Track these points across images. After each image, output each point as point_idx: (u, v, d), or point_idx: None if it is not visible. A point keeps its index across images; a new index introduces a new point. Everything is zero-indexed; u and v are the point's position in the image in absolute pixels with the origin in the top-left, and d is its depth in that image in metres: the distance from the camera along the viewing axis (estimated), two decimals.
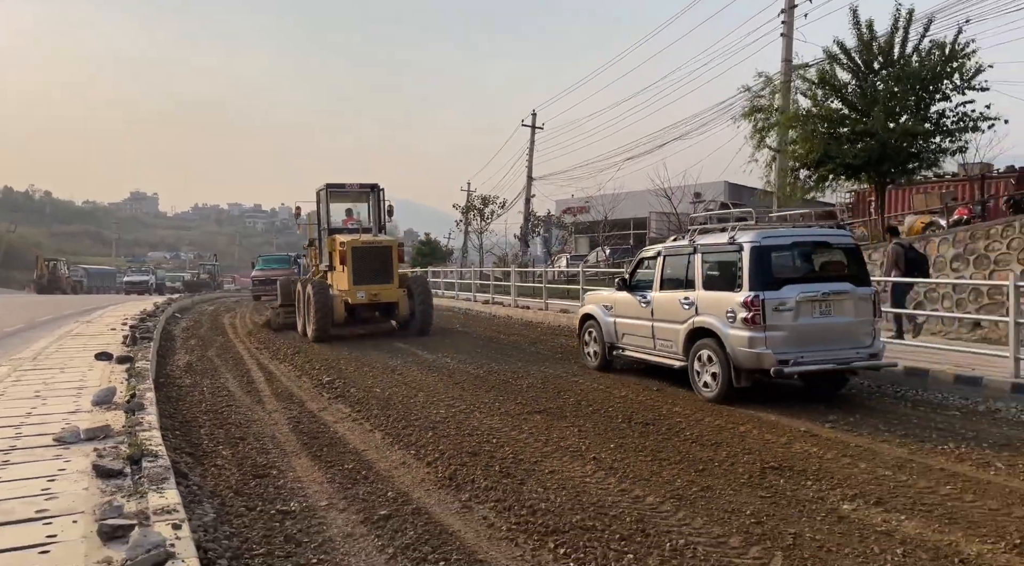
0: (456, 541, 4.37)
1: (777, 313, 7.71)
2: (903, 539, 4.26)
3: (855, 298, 7.99)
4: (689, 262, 8.84)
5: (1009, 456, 5.88)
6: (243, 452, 6.39)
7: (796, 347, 7.73)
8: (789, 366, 7.62)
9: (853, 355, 7.91)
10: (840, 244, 8.43)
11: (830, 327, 7.91)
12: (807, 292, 7.81)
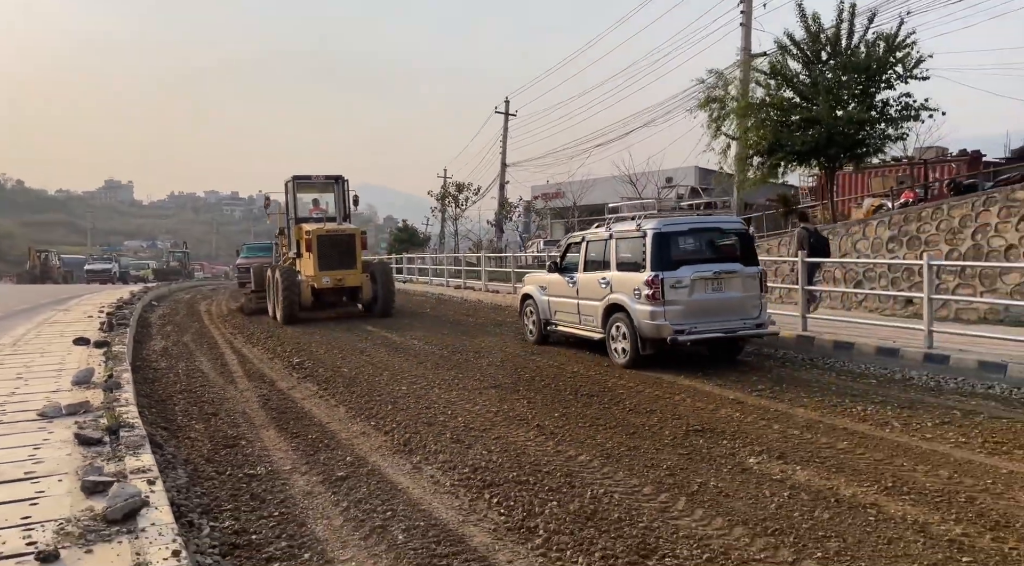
0: (404, 495, 4.90)
1: (674, 290, 8.91)
2: (792, 485, 4.86)
3: (743, 276, 9.19)
4: (606, 247, 9.93)
5: (907, 416, 6.52)
6: (215, 426, 6.87)
7: (691, 319, 8.94)
8: (684, 335, 8.85)
9: (741, 325, 9.14)
10: (732, 230, 9.58)
11: (721, 301, 9.10)
12: (701, 272, 9.01)
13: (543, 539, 4.11)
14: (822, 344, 9.53)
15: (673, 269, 8.94)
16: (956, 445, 5.65)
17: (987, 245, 10.86)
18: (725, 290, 9.11)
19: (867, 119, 15.22)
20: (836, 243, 13.37)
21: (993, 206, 10.80)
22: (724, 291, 9.11)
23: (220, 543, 4.15)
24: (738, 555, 3.82)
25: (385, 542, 4.15)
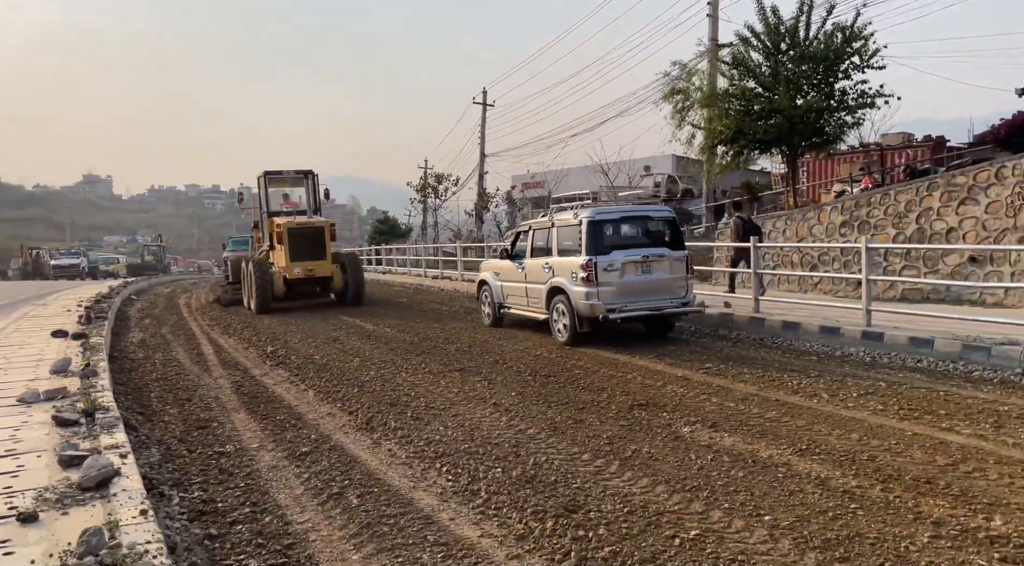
0: (361, 466, 5.30)
1: (606, 272, 9.76)
2: (717, 449, 5.31)
3: (671, 260, 10.07)
4: (549, 235, 10.69)
5: (836, 388, 7.00)
6: (188, 410, 7.22)
7: (622, 299, 9.81)
8: (615, 314, 9.71)
9: (668, 303, 10.05)
10: (661, 217, 10.44)
11: (650, 283, 9.98)
12: (631, 256, 9.89)
13: (483, 500, 4.52)
14: (772, 324, 10.01)
15: (606, 254, 9.80)
16: (873, 412, 6.13)
17: (930, 228, 11.38)
18: (654, 272, 9.98)
19: (826, 108, 15.71)
20: (794, 228, 13.86)
21: (936, 191, 11.31)
22: (652, 273, 9.97)
23: (188, 510, 4.52)
24: (655, 508, 4.26)
25: (340, 506, 4.55)
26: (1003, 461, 4.80)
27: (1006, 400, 6.34)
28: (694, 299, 10.43)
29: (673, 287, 10.03)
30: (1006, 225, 10.29)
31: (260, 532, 4.20)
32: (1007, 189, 10.29)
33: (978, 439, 5.30)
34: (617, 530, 3.98)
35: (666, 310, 10.02)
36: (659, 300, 9.94)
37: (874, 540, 3.72)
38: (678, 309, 10.08)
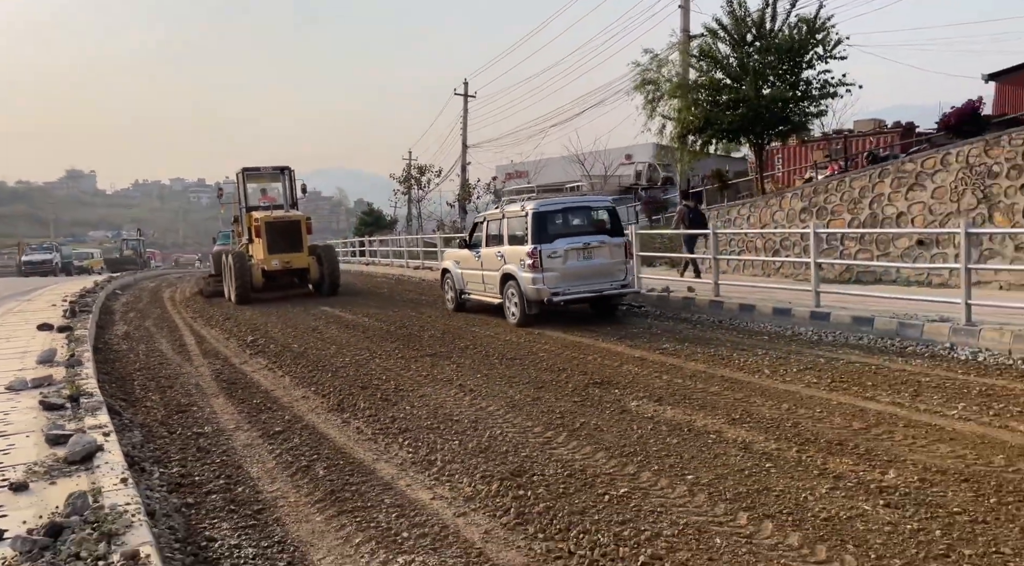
0: (330, 443, 5.70)
1: (550, 259, 10.57)
2: (659, 421, 5.74)
3: (610, 246, 10.86)
4: (500, 225, 11.46)
5: (779, 364, 7.46)
6: (169, 396, 7.59)
7: (565, 283, 10.62)
8: (559, 296, 10.54)
9: (608, 286, 10.85)
10: (601, 207, 11.27)
11: (591, 267, 10.79)
12: (573, 243, 10.71)
13: (438, 468, 4.94)
14: (730, 307, 10.47)
15: (549, 242, 10.62)
16: (807, 385, 6.59)
17: (882, 213, 11.86)
18: (594, 258, 10.78)
19: (791, 97, 16.15)
20: (757, 214, 14.33)
21: (887, 177, 11.78)
22: (593, 259, 10.78)
23: (167, 483, 4.91)
24: (592, 471, 4.69)
25: (308, 476, 4.95)
26: (911, 425, 5.26)
27: (929, 372, 6.82)
28: (633, 281, 11.34)
29: (613, 271, 10.87)
30: (951, 209, 10.79)
31: (233, 500, 4.60)
32: (951, 175, 10.77)
33: (895, 406, 5.76)
34: (555, 490, 4.41)
35: (606, 292, 10.84)
36: (600, 283, 10.78)
37: (779, 492, 4.17)
38: (617, 291, 10.94)
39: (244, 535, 4.05)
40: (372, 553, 3.74)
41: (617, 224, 11.17)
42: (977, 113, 12.36)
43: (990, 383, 6.28)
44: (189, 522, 4.27)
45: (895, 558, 3.34)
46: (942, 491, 4.06)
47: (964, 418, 5.36)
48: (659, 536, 3.70)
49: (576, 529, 3.84)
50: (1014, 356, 6.96)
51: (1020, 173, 9.87)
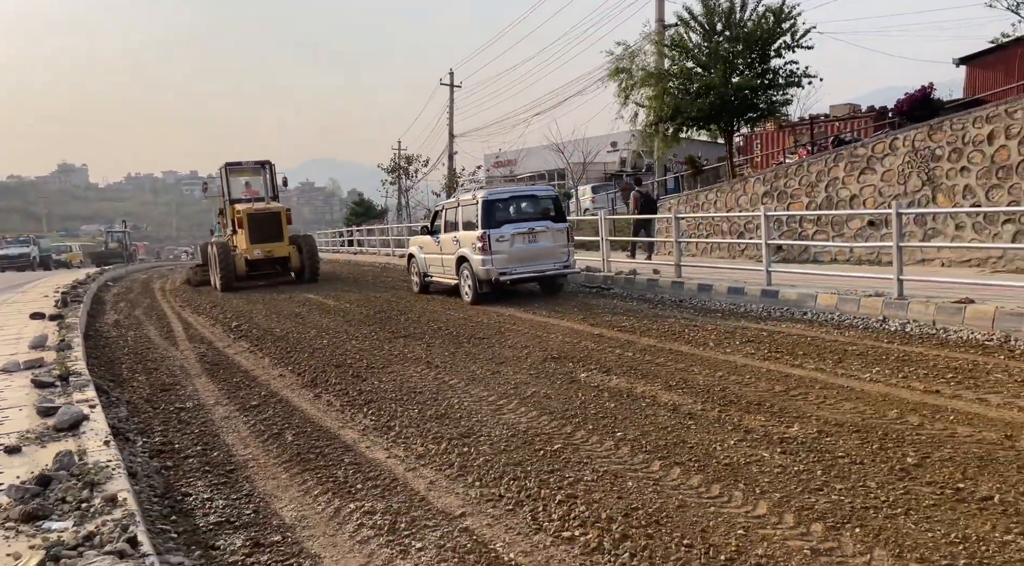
0: (301, 414, 6.15)
1: (498, 243, 11.61)
2: (603, 388, 6.21)
3: (553, 231, 11.93)
4: (456, 213, 12.36)
5: (723, 338, 7.94)
6: (155, 377, 8.02)
7: (512, 264, 11.68)
8: (506, 276, 11.61)
9: (551, 267, 11.96)
10: (545, 196, 12.29)
11: (535, 250, 11.85)
12: (518, 228, 11.74)
13: (396, 432, 5.40)
14: (690, 287, 10.95)
15: (497, 227, 11.66)
16: (745, 355, 7.08)
17: (836, 196, 12.33)
18: (538, 241, 11.86)
19: (757, 86, 16.58)
20: (723, 199, 14.79)
21: (841, 162, 12.24)
22: (538, 242, 11.86)
23: (149, 450, 5.37)
24: (533, 432, 5.15)
25: (278, 442, 5.40)
26: (826, 387, 5.75)
27: (857, 342, 7.31)
28: (574, 263, 12.42)
29: (556, 253, 11.97)
30: (898, 191, 11.25)
31: (208, 462, 5.06)
32: (899, 159, 11.23)
33: (817, 372, 6.26)
34: (496, 448, 4.88)
35: (548, 272, 11.99)
36: (543, 264, 11.90)
37: (693, 445, 4.65)
38: (560, 271, 12.08)
39: (216, 490, 4.51)
40: (328, 501, 4.20)
41: (560, 211, 12.24)
42: (928, 98, 12.82)
43: (909, 350, 6.78)
44: (168, 481, 4.73)
45: (776, 492, 3.83)
46: (834, 440, 4.55)
47: (874, 380, 5.86)
48: (580, 481, 4.18)
49: (508, 477, 4.32)
50: (937, 326, 7.47)
51: (960, 156, 10.35)
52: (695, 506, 3.76)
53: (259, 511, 4.15)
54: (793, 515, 3.56)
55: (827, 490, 3.82)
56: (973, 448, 4.25)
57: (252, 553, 3.63)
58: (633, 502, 3.84)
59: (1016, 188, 9.54)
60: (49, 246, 48.79)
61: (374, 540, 3.66)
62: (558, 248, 11.92)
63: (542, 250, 11.83)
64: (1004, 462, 4.03)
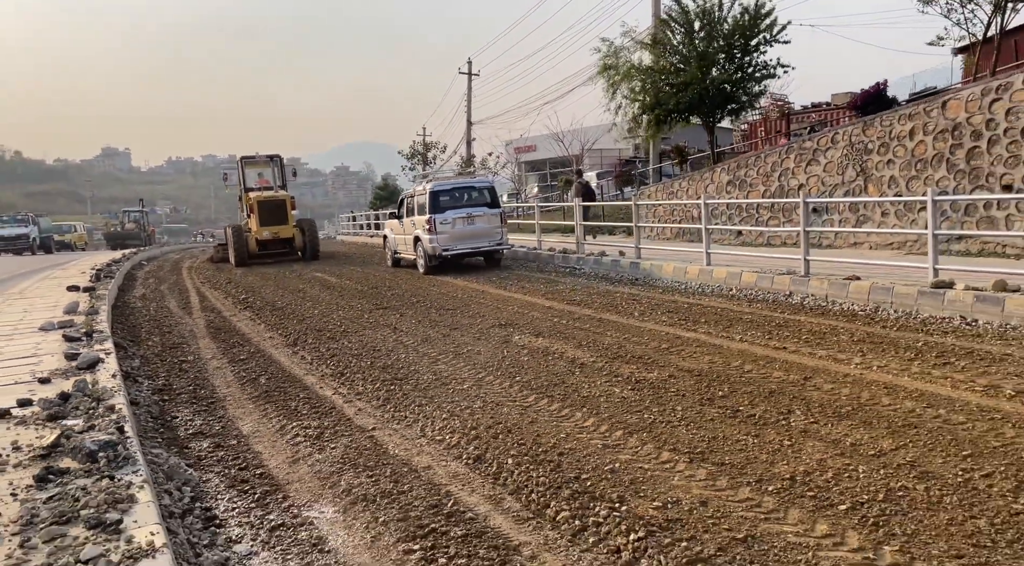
0: (277, 365, 7.42)
1: (442, 225, 14.23)
2: (527, 347, 7.37)
3: (488, 215, 14.55)
4: (413, 201, 14.67)
5: (649, 310, 9.04)
6: (167, 338, 9.37)
7: (454, 242, 14.30)
8: (448, 252, 14.23)
9: (487, 244, 14.58)
10: (483, 187, 14.66)
11: (473, 231, 14.42)
12: (458, 214, 14.35)
13: (346, 377, 6.63)
14: (645, 267, 12.01)
15: (441, 212, 14.21)
16: (657, 323, 8.17)
17: (787, 184, 13.24)
18: (476, 224, 14.38)
19: (730, 79, 17.42)
20: (694, 187, 15.74)
21: (791, 154, 13.13)
22: (475, 224, 14.38)
23: (152, 389, 6.67)
24: (454, 377, 6.34)
25: (253, 384, 6.67)
26: (702, 345, 6.85)
27: (756, 312, 8.37)
28: (506, 242, 15.09)
29: (491, 233, 14.52)
30: (837, 181, 12.14)
31: (196, 397, 6.35)
32: (839, 152, 12.09)
33: (703, 334, 7.35)
34: (418, 387, 6.08)
35: (484, 248, 14.60)
36: (480, 242, 14.49)
37: (568, 385, 5.80)
38: (494, 247, 14.72)
39: (197, 415, 5.79)
40: (278, 421, 5.45)
41: (495, 199, 14.90)
42: (882, 94, 13.59)
43: (791, 318, 7.84)
44: (163, 409, 6.02)
45: (606, 413, 4.97)
46: (676, 381, 5.68)
47: (743, 340, 6.95)
48: (469, 408, 5.37)
49: (416, 405, 5.53)
50: (828, 299, 8.49)
51: (887, 150, 11.21)
52: (542, 422, 4.93)
53: (225, 427, 5.42)
54: (608, 426, 4.72)
55: (644, 412, 4.96)
56: (772, 386, 5.35)
57: (214, 450, 4.89)
58: (500, 421, 5.02)
59: (930, 180, 10.42)
60: (50, 226, 41.96)
61: (303, 444, 4.90)
62: (493, 229, 14.46)
63: (479, 231, 14.34)
64: (786, 394, 5.13)
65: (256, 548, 3.44)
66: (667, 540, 3.17)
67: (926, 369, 5.53)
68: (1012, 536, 3.01)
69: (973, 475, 3.60)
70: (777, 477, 3.76)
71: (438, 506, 3.72)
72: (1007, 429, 4.18)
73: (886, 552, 2.96)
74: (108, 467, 3.69)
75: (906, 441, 4.11)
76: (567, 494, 3.71)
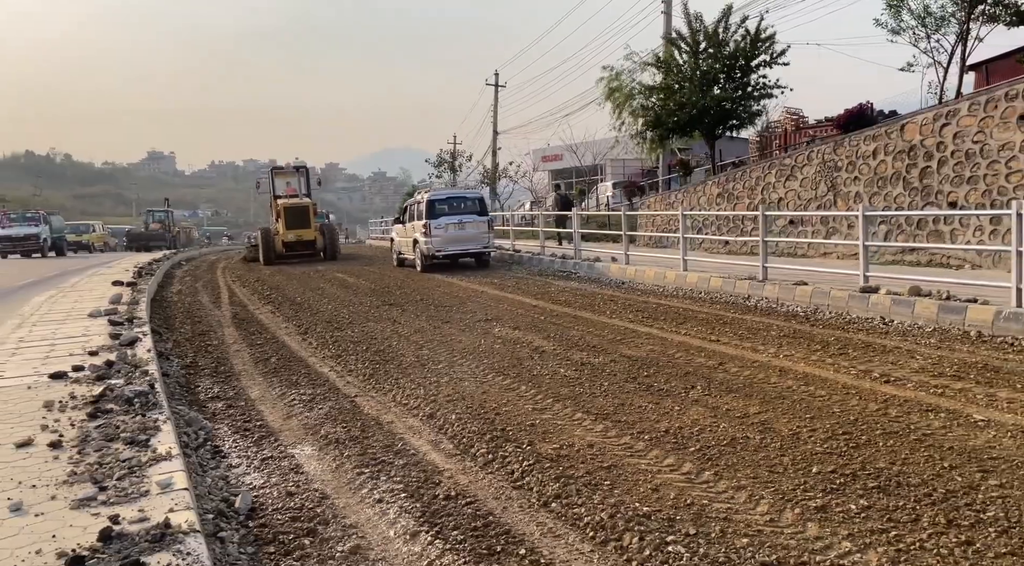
0: (287, 348, 8.54)
1: (436, 230, 16.52)
2: (503, 337, 8.37)
3: (477, 222, 16.84)
4: (413, 208, 16.68)
5: (619, 310, 9.98)
6: (196, 327, 10.59)
7: (446, 245, 16.60)
8: (441, 253, 16.55)
9: (474, 247, 16.88)
10: (473, 197, 16.60)
11: (463, 236, 16.69)
12: (451, 220, 16.64)
13: (343, 359, 7.72)
14: (631, 273, 12.96)
15: (436, 219, 16.44)
16: (623, 319, 9.12)
17: (768, 198, 14.06)
18: (466, 229, 16.62)
19: (729, 98, 18.29)
20: (688, 199, 16.64)
21: (773, 169, 13.96)
22: (466, 230, 16.62)
23: (181, 365, 7.84)
24: (432, 359, 7.38)
25: (264, 363, 7.80)
26: (651, 338, 7.80)
27: (712, 312, 9.28)
28: (492, 245, 17.44)
29: (479, 238, 16.78)
30: (811, 196, 12.95)
31: (216, 372, 7.49)
32: (813, 169, 12.90)
33: (655, 329, 8.30)
34: (400, 366, 7.15)
35: (472, 250, 16.84)
36: (469, 245, 16.76)
37: (525, 366, 6.79)
38: (480, 250, 16.97)
39: (216, 384, 6.93)
40: (280, 390, 6.55)
41: (483, 207, 17.20)
42: (864, 114, 14.33)
43: (737, 317, 8.75)
44: (188, 380, 7.18)
45: (545, 387, 5.95)
46: (615, 364, 6.63)
47: (688, 334, 7.88)
48: (438, 382, 6.40)
49: (393, 379, 6.59)
50: (778, 302, 9.37)
51: (854, 168, 12.01)
52: (492, 392, 5.95)
53: (237, 394, 6.55)
54: (543, 396, 5.71)
55: (576, 387, 5.95)
56: (690, 369, 6.31)
57: (226, 409, 6.01)
58: (459, 391, 6.05)
59: (889, 195, 11.21)
60: (62, 225, 35.87)
61: (297, 405, 5.99)
62: (480, 234, 16.80)
63: (468, 235, 16.60)
64: (697, 374, 6.08)
65: (249, 470, 4.53)
66: (550, 466, 4.18)
67: (823, 358, 6.44)
68: (803, 467, 3.96)
69: (802, 431, 4.54)
70: (656, 430, 4.74)
71: (390, 446, 4.78)
72: (852, 401, 5.10)
73: (705, 473, 3.93)
74: (141, 409, 4.82)
75: (769, 408, 5.06)
76: (489, 439, 4.74)
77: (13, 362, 6.57)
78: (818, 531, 3.23)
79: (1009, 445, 4.13)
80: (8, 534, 2.96)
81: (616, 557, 3.11)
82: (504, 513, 3.64)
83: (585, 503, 3.66)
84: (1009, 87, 9.46)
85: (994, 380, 5.45)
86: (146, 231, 40.70)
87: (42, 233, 31.18)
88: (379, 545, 3.40)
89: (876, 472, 3.85)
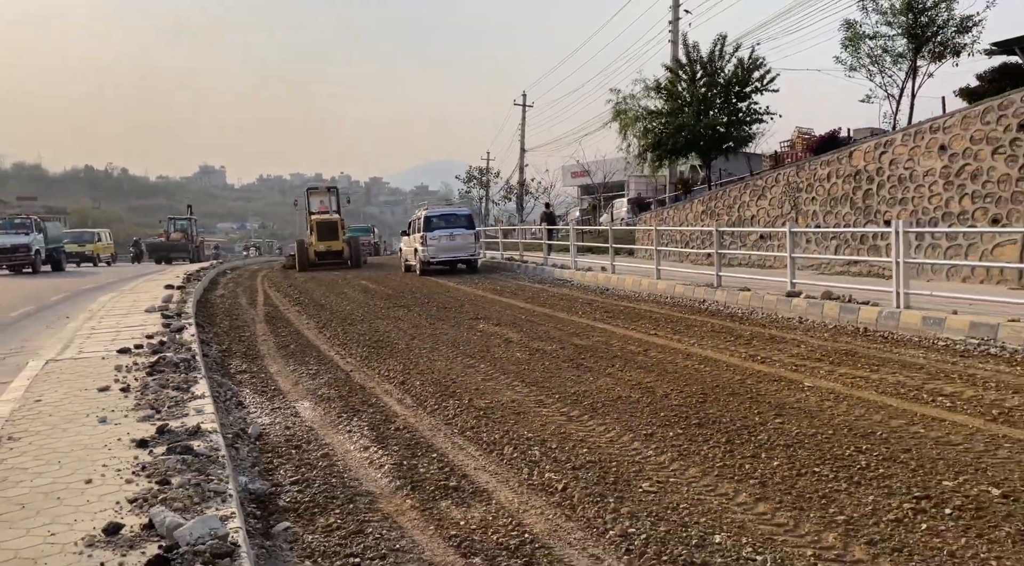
0: (305, 338, 10.12)
1: (432, 241, 19.84)
2: (484, 331, 9.82)
3: (465, 234, 20.22)
4: (415, 222, 19.39)
5: (593, 311, 11.35)
6: (233, 322, 12.27)
7: (440, 254, 20.00)
8: (436, 260, 19.90)
9: (463, 255, 20.31)
10: (462, 214, 19.07)
11: (454, 245, 20.09)
12: (443, 233, 19.98)
13: (348, 346, 9.26)
14: (614, 282, 14.32)
15: (432, 231, 19.79)
16: (590, 318, 10.50)
17: (742, 215, 15.29)
18: (456, 240, 19.98)
19: (722, 123, 19.57)
20: (678, 216, 17.94)
21: (747, 189, 15.19)
22: (456, 240, 19.98)
23: (219, 350, 9.48)
24: (418, 346, 8.88)
25: (286, 349, 9.38)
26: (604, 332, 9.17)
27: (666, 313, 10.60)
28: (478, 253, 21.12)
29: (467, 247, 20.21)
30: (778, 214, 14.14)
31: (245, 355, 9.10)
32: (780, 189, 14.11)
33: (607, 325, 9.66)
34: (392, 351, 8.65)
35: (460, 258, 20.24)
36: (458, 254, 20.18)
37: (493, 352, 8.24)
38: (467, 258, 20.42)
39: (244, 363, 8.53)
40: (293, 366, 8.11)
41: (471, 223, 20.66)
42: (835, 139, 15.45)
43: (683, 317, 10.06)
44: (223, 361, 8.79)
45: (501, 366, 7.40)
46: (564, 351, 8.03)
47: (632, 329, 9.23)
48: (415, 362, 7.88)
49: (382, 360, 8.10)
50: (725, 305, 10.65)
51: (812, 189, 13.20)
52: (457, 369, 7.40)
53: (260, 369, 8.13)
54: (495, 371, 7.15)
55: (524, 366, 7.36)
56: (619, 353, 7.68)
57: (250, 379, 7.58)
58: (430, 368, 7.52)
59: (838, 214, 12.38)
60: (60, 234, 30.90)
61: (304, 377, 7.53)
62: (468, 244, 20.21)
63: (458, 245, 20.04)
64: (622, 358, 7.45)
65: (261, 414, 6.07)
66: (476, 412, 5.62)
67: (728, 346, 7.76)
68: (657, 414, 5.33)
69: (672, 393, 5.91)
70: (566, 392, 6.15)
71: (366, 401, 6.28)
72: (725, 374, 6.44)
73: (584, 417, 5.34)
74: (185, 370, 6.41)
75: (660, 379, 6.43)
76: (440, 397, 6.21)
77: (90, 342, 8.27)
78: (639, 447, 4.63)
79: (811, 400, 5.46)
80: (100, 432, 4.53)
81: (496, 459, 4.55)
82: (432, 437, 5.11)
83: (488, 431, 5.10)
84: (932, 121, 10.63)
85: (844, 361, 6.73)
86: (167, 241, 37.17)
87: (33, 244, 25.81)
88: (341, 453, 4.89)
89: (704, 416, 5.22)
